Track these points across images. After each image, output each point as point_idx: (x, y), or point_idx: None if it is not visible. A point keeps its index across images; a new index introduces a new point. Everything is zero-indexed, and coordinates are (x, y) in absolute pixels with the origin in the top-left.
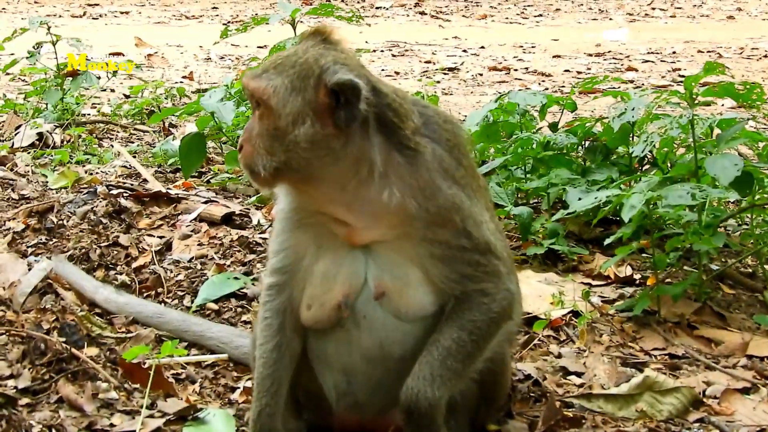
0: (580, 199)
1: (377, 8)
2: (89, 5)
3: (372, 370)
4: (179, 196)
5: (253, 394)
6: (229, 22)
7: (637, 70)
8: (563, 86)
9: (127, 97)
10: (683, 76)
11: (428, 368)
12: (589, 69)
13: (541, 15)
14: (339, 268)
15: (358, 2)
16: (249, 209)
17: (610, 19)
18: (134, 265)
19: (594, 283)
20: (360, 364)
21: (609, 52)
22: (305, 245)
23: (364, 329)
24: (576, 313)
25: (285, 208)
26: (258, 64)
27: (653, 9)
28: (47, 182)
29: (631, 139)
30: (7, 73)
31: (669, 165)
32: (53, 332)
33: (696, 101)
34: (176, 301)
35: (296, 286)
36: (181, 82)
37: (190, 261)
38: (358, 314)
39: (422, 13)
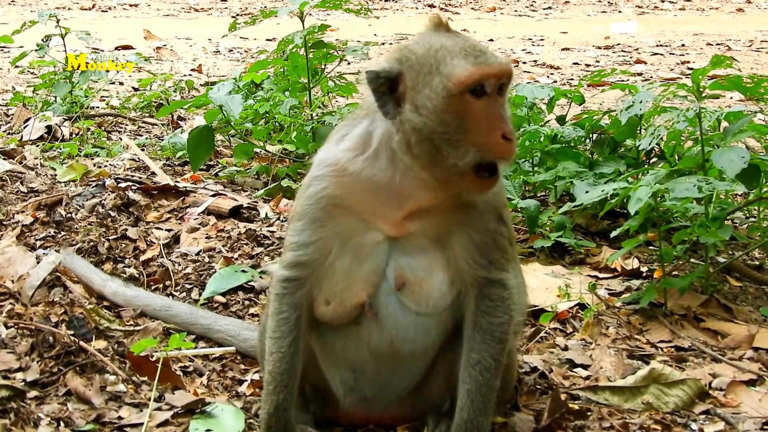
0: (587, 191)
1: (386, 0)
2: None
3: (380, 366)
4: (187, 189)
5: (267, 389)
6: (237, 14)
7: (645, 63)
8: (572, 79)
9: (135, 90)
10: (692, 69)
11: (480, 398)
12: (597, 62)
13: (550, 7)
14: (361, 265)
15: None
16: (257, 202)
17: (620, 11)
18: (142, 258)
19: (601, 275)
20: (368, 360)
21: (618, 44)
22: (332, 241)
23: (375, 326)
24: (582, 306)
25: (316, 196)
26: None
27: (662, 1)
28: (56, 175)
29: (638, 132)
30: (17, 66)
31: (676, 158)
32: (62, 325)
33: (703, 94)
34: (184, 294)
35: (315, 281)
36: (189, 75)
37: (197, 254)
38: (373, 310)
39: (431, 6)
